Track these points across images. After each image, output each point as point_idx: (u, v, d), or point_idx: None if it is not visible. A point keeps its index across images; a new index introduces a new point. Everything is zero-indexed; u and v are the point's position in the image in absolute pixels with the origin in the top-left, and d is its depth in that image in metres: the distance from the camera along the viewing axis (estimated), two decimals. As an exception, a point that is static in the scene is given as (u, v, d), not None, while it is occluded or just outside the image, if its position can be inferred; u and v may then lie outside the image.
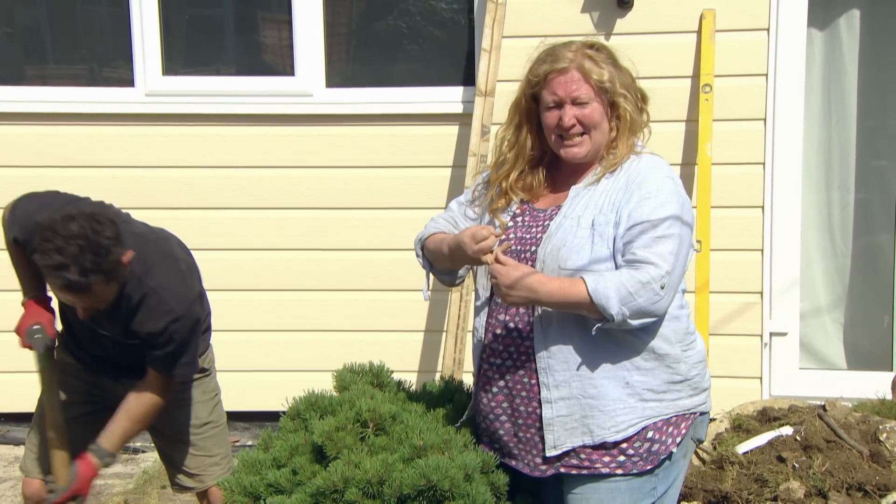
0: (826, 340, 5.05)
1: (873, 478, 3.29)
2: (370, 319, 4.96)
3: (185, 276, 3.07)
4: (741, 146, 4.74)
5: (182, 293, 3.02)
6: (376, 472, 2.45)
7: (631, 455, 2.46)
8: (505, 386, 2.54)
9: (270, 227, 4.96)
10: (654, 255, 2.37)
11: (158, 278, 2.97)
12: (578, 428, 2.46)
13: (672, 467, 2.54)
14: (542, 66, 2.52)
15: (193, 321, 3.04)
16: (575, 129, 2.50)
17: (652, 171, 2.48)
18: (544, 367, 2.47)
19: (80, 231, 2.74)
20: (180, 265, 3.08)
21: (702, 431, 2.62)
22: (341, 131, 4.90)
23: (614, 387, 2.44)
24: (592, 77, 2.48)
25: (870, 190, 4.98)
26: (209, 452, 3.40)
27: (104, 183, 4.95)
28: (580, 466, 2.49)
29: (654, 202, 2.41)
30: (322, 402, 2.76)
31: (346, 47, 5.13)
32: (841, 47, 4.86)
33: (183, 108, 4.92)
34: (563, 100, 2.49)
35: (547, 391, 2.47)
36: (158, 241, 3.09)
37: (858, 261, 5.01)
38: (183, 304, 3.00)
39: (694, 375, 2.53)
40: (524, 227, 2.56)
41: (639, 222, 2.40)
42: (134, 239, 2.95)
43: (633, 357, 2.45)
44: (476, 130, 4.58)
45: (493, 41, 4.59)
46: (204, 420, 3.37)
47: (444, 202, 4.87)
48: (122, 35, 4.96)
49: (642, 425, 2.46)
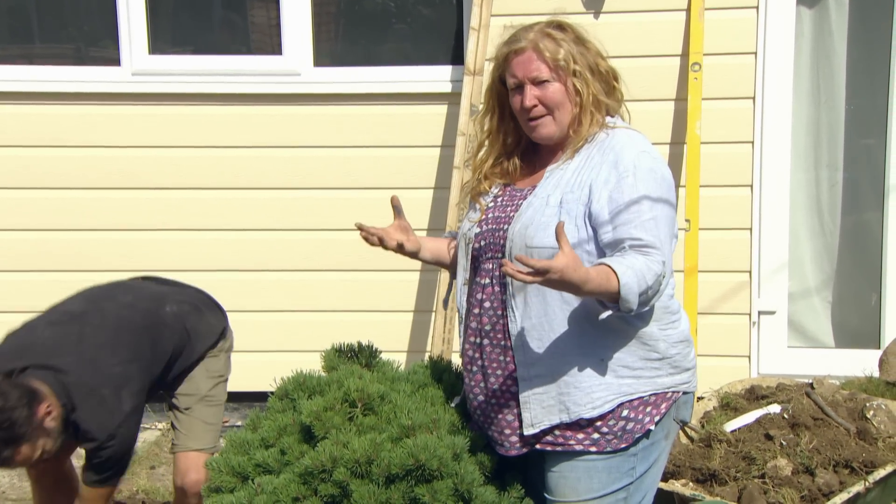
0: (814, 319, 5.06)
1: (860, 455, 3.31)
2: (358, 300, 4.96)
3: (106, 402, 3.07)
4: (730, 125, 4.73)
5: (105, 420, 3.06)
6: (364, 451, 2.45)
7: (605, 433, 2.45)
8: (482, 365, 2.54)
9: (258, 207, 4.94)
10: (655, 238, 2.33)
11: (79, 413, 3.02)
12: (555, 406, 2.44)
13: (652, 448, 2.53)
14: (502, 48, 2.52)
15: (121, 441, 3.10)
16: (537, 110, 2.48)
17: (626, 147, 2.43)
18: (519, 344, 2.45)
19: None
20: (103, 391, 3.07)
21: (685, 412, 2.60)
22: (329, 111, 4.88)
23: (590, 363, 2.42)
24: (546, 55, 2.45)
25: (858, 169, 4.98)
26: (206, 420, 3.47)
27: (90, 163, 4.93)
28: (555, 444, 2.48)
29: (632, 180, 2.37)
30: (310, 382, 2.75)
31: (335, 26, 5.10)
32: (830, 25, 4.85)
33: (170, 87, 4.89)
34: (522, 80, 2.47)
35: (524, 369, 2.46)
36: (85, 369, 3.07)
37: (846, 239, 5.02)
38: (106, 430, 3.06)
39: (674, 354, 2.49)
40: (500, 207, 2.56)
41: (625, 203, 2.35)
42: (59, 380, 2.99)
43: (608, 334, 2.42)
44: (465, 110, 4.56)
45: (482, 19, 4.57)
46: (207, 391, 3.46)
47: (433, 182, 4.86)
48: (109, 14, 4.92)
49: (618, 402, 2.44)
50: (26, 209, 4.93)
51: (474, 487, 2.46)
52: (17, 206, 4.95)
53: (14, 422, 2.81)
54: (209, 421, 3.47)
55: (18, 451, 2.87)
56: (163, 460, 4.33)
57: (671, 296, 2.52)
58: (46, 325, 3.22)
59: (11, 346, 3.16)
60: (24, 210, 4.93)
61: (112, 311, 3.28)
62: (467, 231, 2.62)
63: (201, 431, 3.45)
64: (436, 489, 2.42)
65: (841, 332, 5.06)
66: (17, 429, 2.81)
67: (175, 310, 3.41)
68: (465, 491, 2.45)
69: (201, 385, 3.45)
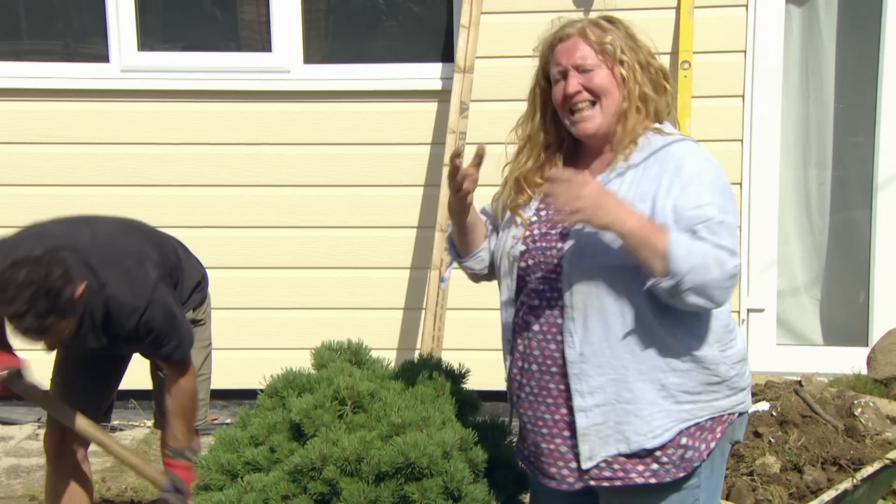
0: (803, 317, 5.08)
1: (848, 452, 3.32)
2: (349, 297, 4.95)
3: (133, 271, 3.13)
4: (719, 123, 4.74)
5: (137, 288, 3.10)
6: (354, 449, 2.44)
7: (664, 463, 2.31)
8: (531, 392, 2.40)
9: (248, 204, 4.93)
10: (727, 242, 2.18)
11: (111, 285, 3.06)
12: (613, 436, 2.30)
13: (713, 476, 2.40)
14: (546, 39, 2.38)
15: (161, 306, 3.12)
16: (580, 97, 2.31)
17: (688, 155, 2.28)
18: (577, 372, 2.30)
19: (30, 278, 2.83)
20: (127, 262, 3.14)
21: (740, 433, 2.46)
22: (319, 108, 4.87)
23: (650, 389, 2.28)
24: (592, 39, 2.31)
25: (847, 167, 5.00)
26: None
27: (78, 160, 4.91)
28: (613, 478, 2.33)
29: (697, 187, 2.22)
30: (300, 380, 2.75)
31: (325, 23, 5.09)
32: (819, 24, 4.86)
33: (159, 84, 4.88)
34: (566, 68, 2.32)
35: (581, 398, 2.31)
36: (103, 248, 3.15)
37: (835, 237, 5.04)
38: (141, 297, 3.08)
39: (732, 376, 2.36)
40: (547, 223, 2.38)
41: (691, 208, 2.20)
42: (82, 257, 3.03)
43: (669, 358, 2.28)
44: (455, 107, 4.56)
45: (472, 17, 4.56)
46: (197, 369, 3.43)
47: (423, 179, 4.85)
48: (98, 10, 4.90)
49: (677, 429, 2.30)
50: (14, 205, 4.90)
51: (464, 485, 2.46)
52: (5, 202, 4.92)
53: (60, 293, 2.85)
54: (199, 396, 3.45)
55: (59, 323, 2.89)
56: (152, 458, 4.31)
57: (729, 312, 2.38)
58: (52, 223, 3.26)
59: (27, 236, 3.17)
60: (12, 206, 4.91)
61: (109, 218, 3.38)
62: (510, 248, 2.42)
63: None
64: (425, 487, 2.42)
65: (829, 329, 5.08)
66: (61, 300, 2.85)
67: (164, 235, 3.47)
68: (455, 489, 2.44)
69: (195, 358, 3.41)
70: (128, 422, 5.00)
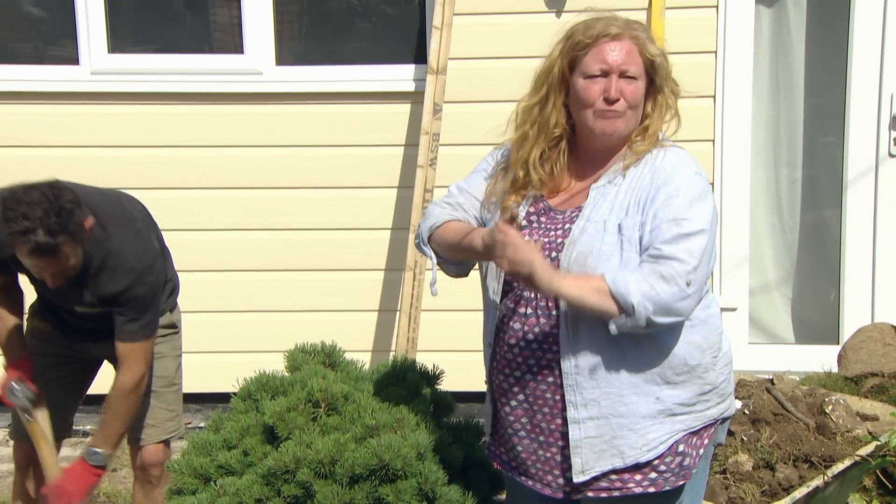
0: (774, 315, 5.12)
1: (819, 449, 3.35)
2: (323, 299, 4.94)
3: (141, 234, 3.20)
4: (691, 123, 4.64)
5: (140, 251, 3.13)
6: (328, 451, 2.44)
7: (663, 471, 2.31)
8: (525, 400, 2.36)
9: (220, 206, 4.90)
10: (679, 251, 2.17)
11: (116, 240, 3.09)
12: (608, 450, 2.29)
13: (697, 478, 2.42)
14: (591, 29, 2.29)
15: (154, 276, 3.15)
16: (620, 104, 2.28)
17: (678, 167, 2.29)
18: (572, 384, 2.28)
19: (42, 197, 2.88)
20: (137, 224, 3.21)
21: (722, 435, 2.49)
22: (292, 110, 4.86)
23: (644, 403, 2.27)
24: (647, 50, 2.29)
25: (817, 166, 5.04)
26: (169, 406, 3.44)
27: (49, 162, 4.85)
28: (611, 489, 2.32)
29: (683, 199, 2.22)
30: (273, 383, 2.75)
31: (297, 25, 5.07)
32: (788, 24, 4.90)
33: (130, 86, 4.84)
34: (611, 69, 2.26)
35: (574, 410, 2.29)
36: (113, 204, 3.21)
37: (806, 236, 5.08)
38: (142, 261, 3.11)
39: (721, 382, 2.37)
40: (542, 230, 2.34)
41: (666, 220, 2.20)
42: (91, 204, 3.06)
43: (663, 370, 2.28)
44: (428, 109, 4.56)
45: (445, 18, 4.57)
46: (172, 378, 3.43)
47: (397, 181, 4.85)
48: (67, 12, 4.86)
49: (672, 440, 2.30)
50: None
51: (438, 487, 2.47)
52: (-25, 206, 4.87)
53: (71, 214, 2.89)
54: (172, 408, 3.43)
55: (66, 245, 2.90)
56: (124, 462, 4.29)
57: (717, 314, 2.40)
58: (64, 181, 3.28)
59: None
60: (-19, 211, 4.86)
61: (120, 191, 3.43)
62: None
63: (165, 419, 3.41)
64: (400, 489, 2.42)
65: (801, 328, 5.12)
66: (71, 221, 2.89)
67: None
68: (430, 490, 2.45)
69: (169, 366, 3.41)
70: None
